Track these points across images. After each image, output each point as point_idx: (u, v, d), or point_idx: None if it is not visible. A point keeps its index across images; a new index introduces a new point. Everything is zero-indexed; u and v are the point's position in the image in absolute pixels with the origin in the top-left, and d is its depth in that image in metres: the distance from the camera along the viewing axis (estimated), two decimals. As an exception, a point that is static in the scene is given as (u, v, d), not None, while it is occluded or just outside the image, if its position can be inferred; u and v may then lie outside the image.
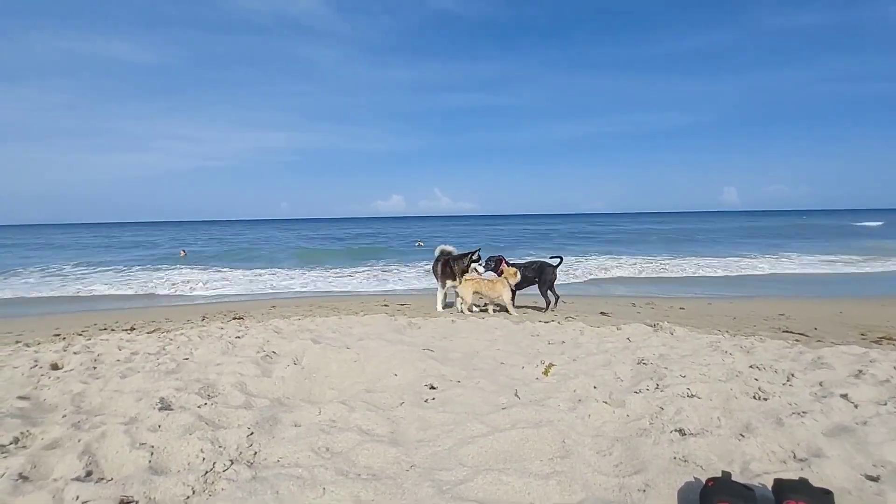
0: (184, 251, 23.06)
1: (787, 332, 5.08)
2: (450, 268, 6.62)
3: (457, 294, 6.59)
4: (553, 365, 3.33)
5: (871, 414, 2.39)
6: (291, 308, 7.51)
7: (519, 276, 6.43)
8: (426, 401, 2.74)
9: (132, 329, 5.85)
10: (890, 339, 4.65)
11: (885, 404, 2.51)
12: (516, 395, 2.77)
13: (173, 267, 16.81)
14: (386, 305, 7.39)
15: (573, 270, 13.45)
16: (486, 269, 6.72)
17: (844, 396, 2.60)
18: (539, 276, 6.77)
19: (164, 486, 1.88)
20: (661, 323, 4.79)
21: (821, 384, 2.84)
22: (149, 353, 3.90)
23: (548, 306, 6.73)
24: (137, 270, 15.97)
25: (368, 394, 2.84)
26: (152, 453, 2.14)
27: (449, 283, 6.65)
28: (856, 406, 2.51)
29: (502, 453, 2.13)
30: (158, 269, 16.22)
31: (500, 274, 6.52)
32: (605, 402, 2.64)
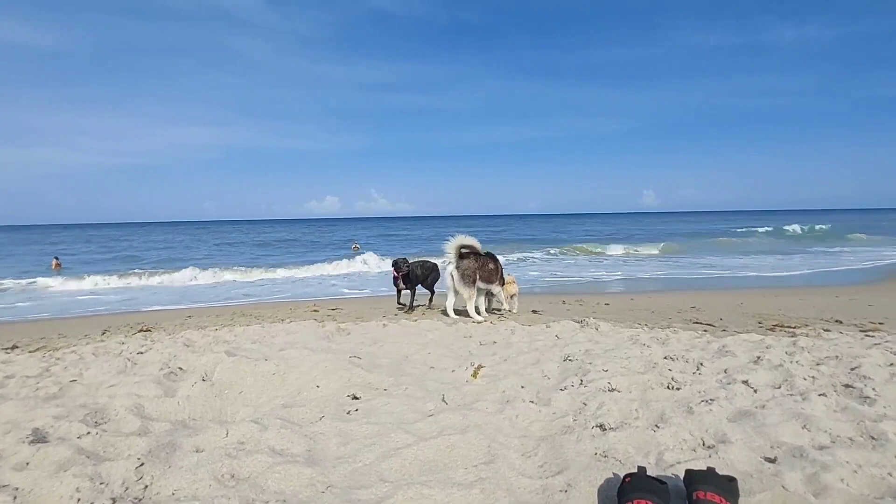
0: (57, 261, 19.35)
1: (697, 322, 5.48)
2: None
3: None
4: (482, 367, 3.30)
5: (768, 397, 2.59)
6: (211, 318, 6.93)
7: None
8: (349, 413, 2.58)
9: (13, 348, 5.07)
10: (782, 326, 5.16)
11: (780, 387, 2.73)
12: (443, 400, 2.69)
13: (33, 281, 14.66)
14: (316, 311, 7.04)
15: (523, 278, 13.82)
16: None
17: (745, 382, 2.79)
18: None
19: (26, 535, 1.59)
20: (587, 319, 4.95)
21: (725, 371, 3.04)
22: (27, 377, 3.36)
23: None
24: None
25: (286, 409, 2.62)
26: (15, 497, 1.81)
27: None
28: (755, 391, 2.69)
29: (427, 464, 2.03)
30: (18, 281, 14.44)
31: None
32: (532, 402, 2.64)
